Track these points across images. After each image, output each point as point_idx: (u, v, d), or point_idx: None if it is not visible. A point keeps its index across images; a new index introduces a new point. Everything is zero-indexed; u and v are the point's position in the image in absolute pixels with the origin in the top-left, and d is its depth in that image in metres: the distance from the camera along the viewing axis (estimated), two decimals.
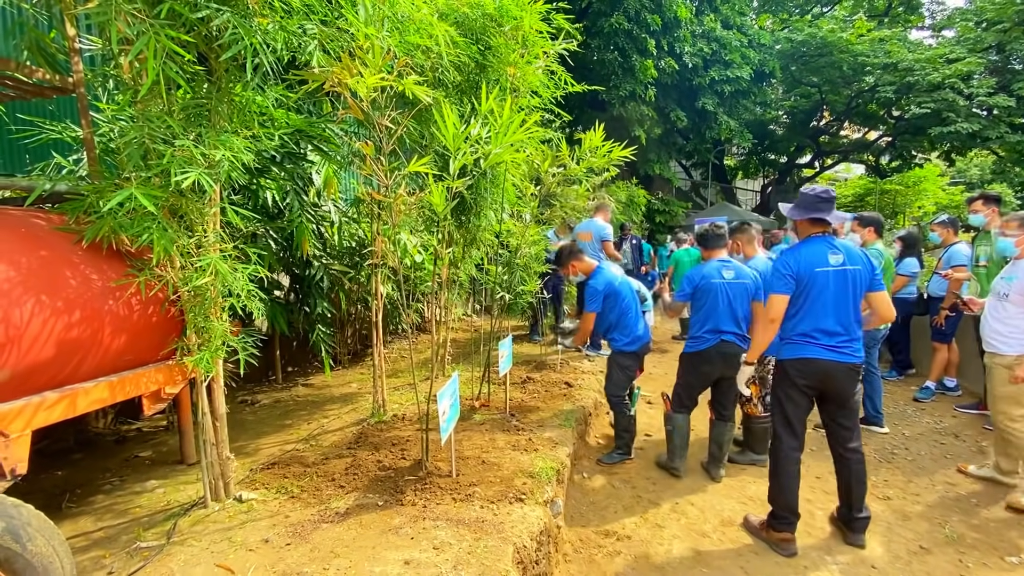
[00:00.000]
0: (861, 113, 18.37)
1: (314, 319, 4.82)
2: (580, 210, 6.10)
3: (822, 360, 2.67)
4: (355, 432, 3.38)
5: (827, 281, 2.66)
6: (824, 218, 2.72)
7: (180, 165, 1.65)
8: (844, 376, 2.70)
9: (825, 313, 2.67)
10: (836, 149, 21.08)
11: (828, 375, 2.68)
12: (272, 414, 4.07)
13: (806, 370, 2.70)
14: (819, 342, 2.67)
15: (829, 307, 2.67)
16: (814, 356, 2.67)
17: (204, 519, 2.27)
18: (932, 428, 4.66)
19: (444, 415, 2.39)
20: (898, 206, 22.63)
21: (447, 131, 2.30)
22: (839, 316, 2.68)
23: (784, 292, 2.69)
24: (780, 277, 2.71)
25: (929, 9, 18.32)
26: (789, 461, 2.75)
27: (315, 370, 5.53)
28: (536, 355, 5.72)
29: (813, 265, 2.67)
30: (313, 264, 4.77)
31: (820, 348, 2.67)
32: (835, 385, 2.71)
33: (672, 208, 15.99)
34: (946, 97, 13.57)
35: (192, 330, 2.11)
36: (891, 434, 4.52)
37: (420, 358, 5.86)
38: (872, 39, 15.24)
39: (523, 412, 3.80)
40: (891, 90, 14.68)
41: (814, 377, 2.70)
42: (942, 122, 14.02)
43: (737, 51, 14.12)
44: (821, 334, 2.67)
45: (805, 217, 2.76)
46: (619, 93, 12.50)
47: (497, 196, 4.01)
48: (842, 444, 2.80)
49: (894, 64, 14.52)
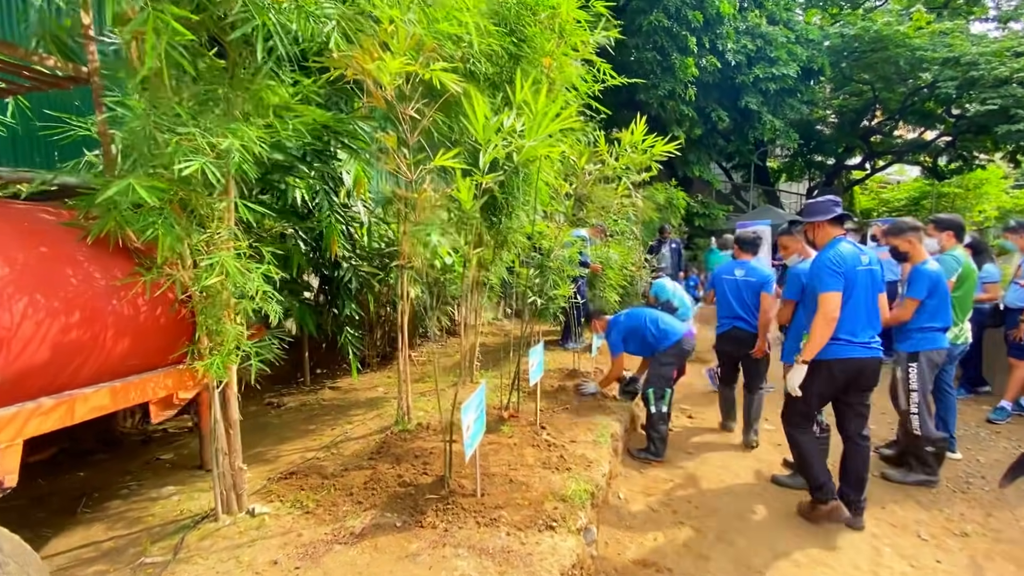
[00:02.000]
0: (917, 112, 17.25)
1: (342, 321, 4.73)
2: (615, 212, 5.82)
3: (860, 358, 2.81)
4: (378, 441, 3.23)
5: (864, 281, 2.81)
6: (844, 217, 2.91)
7: (185, 154, 1.52)
8: (875, 370, 2.89)
9: (862, 312, 2.81)
10: (889, 150, 19.89)
11: (863, 372, 2.84)
12: (297, 418, 3.97)
13: (847, 370, 2.82)
14: (858, 341, 2.80)
15: (863, 306, 2.81)
16: (855, 356, 2.80)
17: (213, 533, 2.14)
18: (1010, 454, 4.15)
19: (468, 430, 2.19)
20: (957, 210, 21.20)
21: (477, 122, 2.11)
22: (870, 315, 2.85)
23: (838, 289, 2.74)
24: (832, 274, 2.75)
25: (994, 0, 17.09)
26: (810, 439, 3.00)
27: (343, 372, 5.44)
28: (568, 363, 5.47)
29: (855, 264, 2.80)
30: (342, 265, 4.68)
31: (859, 347, 2.80)
32: (866, 380, 2.88)
33: (712, 211, 15.39)
34: (1014, 93, 12.52)
35: (203, 333, 1.98)
36: (964, 460, 4.06)
37: (449, 363, 5.71)
38: (932, 32, 14.26)
39: (554, 425, 3.57)
40: (952, 86, 13.68)
41: (851, 374, 2.84)
42: (1009, 119, 12.95)
43: (783, 47, 13.47)
44: (860, 333, 2.81)
45: (827, 219, 2.89)
46: (657, 93, 12.10)
47: (530, 195, 3.81)
48: (857, 431, 2.96)
49: (956, 58, 13.54)
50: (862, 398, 2.96)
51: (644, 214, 6.32)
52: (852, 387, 2.89)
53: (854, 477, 2.98)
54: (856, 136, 18.78)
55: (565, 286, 5.44)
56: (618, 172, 3.59)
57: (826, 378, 2.84)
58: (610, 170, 3.51)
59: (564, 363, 5.53)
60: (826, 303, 2.74)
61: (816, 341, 2.80)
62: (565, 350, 6.26)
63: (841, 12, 17.14)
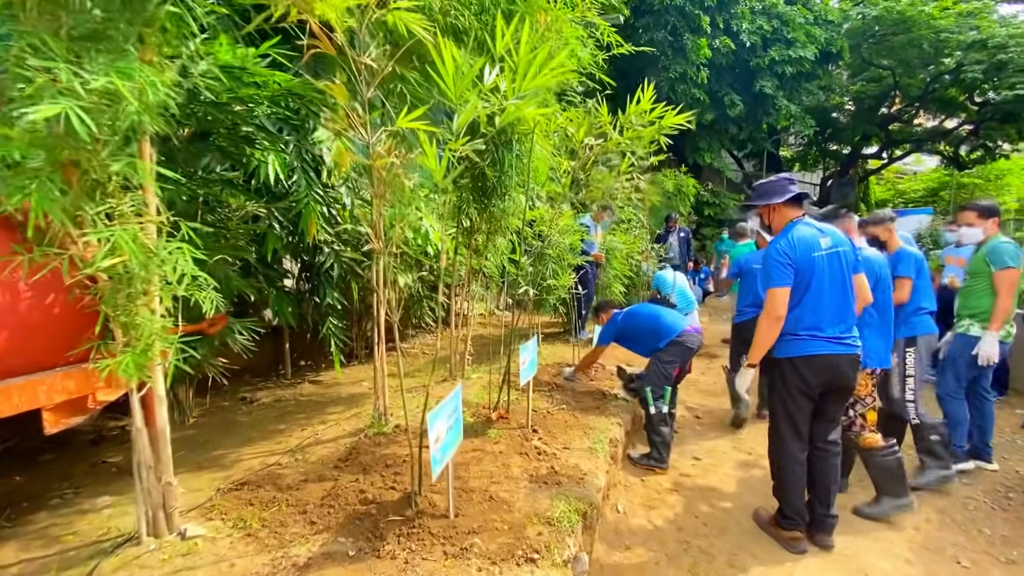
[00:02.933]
0: (938, 99, 16.53)
1: (324, 310, 4.39)
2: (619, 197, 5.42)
3: (830, 355, 2.47)
4: (349, 445, 2.90)
5: (826, 267, 2.47)
6: (802, 197, 2.58)
7: (53, 96, 1.17)
8: (850, 368, 2.53)
9: (826, 303, 2.47)
10: (908, 138, 19.18)
11: (837, 370, 2.50)
12: (268, 416, 3.65)
13: (814, 368, 2.49)
14: (824, 335, 2.47)
15: (827, 297, 2.47)
16: (821, 352, 2.47)
17: (131, 562, 1.81)
18: None
19: (438, 442, 1.84)
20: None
21: (447, 73, 1.74)
22: (839, 304, 2.50)
23: (785, 284, 2.45)
24: (778, 267, 2.45)
25: None
26: (796, 462, 2.59)
27: (329, 365, 5.12)
28: (568, 358, 5.11)
29: (809, 251, 2.46)
30: (323, 250, 4.34)
31: (825, 342, 2.47)
32: (842, 380, 2.53)
33: (722, 201, 14.88)
34: None
35: (115, 326, 1.64)
36: (1001, 471, 3.68)
37: (439, 356, 5.37)
38: (959, 12, 13.57)
39: (547, 428, 3.22)
40: (979, 70, 13.01)
41: (823, 374, 2.49)
42: None
43: (801, 29, 12.87)
44: (825, 326, 2.47)
45: (782, 201, 2.55)
46: (668, 75, 11.59)
47: (524, 174, 3.43)
48: (822, 437, 2.62)
49: (984, 41, 12.86)
50: (838, 405, 2.63)
51: (648, 199, 5.90)
52: (829, 390, 2.54)
53: (821, 488, 2.63)
54: (874, 124, 18.09)
55: (566, 275, 5.08)
56: (623, 147, 3.20)
57: (796, 379, 2.50)
58: (613, 145, 3.11)
59: (563, 357, 5.17)
60: (771, 300, 2.47)
61: (761, 342, 2.53)
62: (567, 343, 5.89)
63: None
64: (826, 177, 21.52)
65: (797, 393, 2.53)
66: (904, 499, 2.87)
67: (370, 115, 1.72)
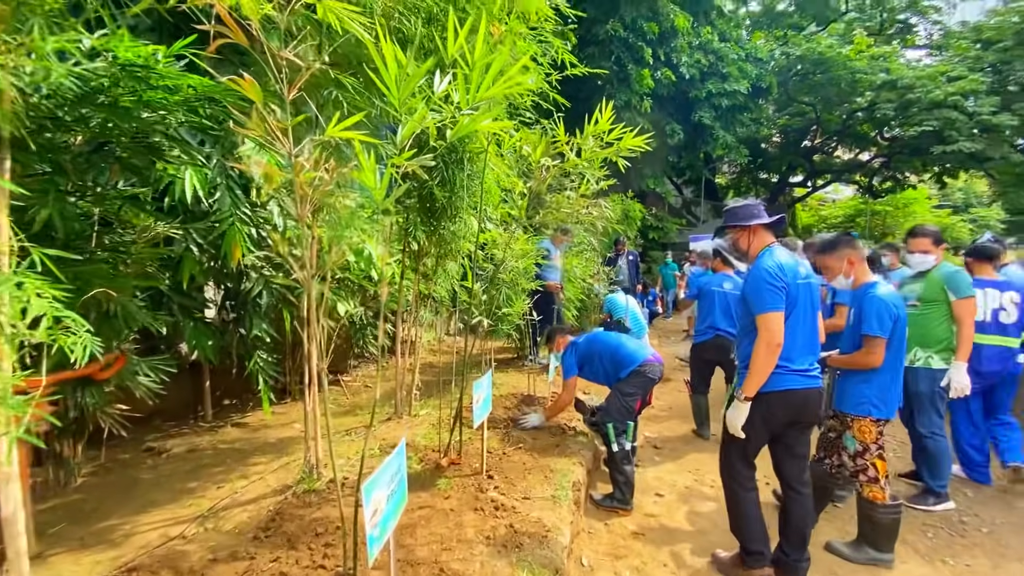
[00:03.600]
0: (854, 134, 18.01)
1: (251, 343, 3.91)
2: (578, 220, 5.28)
3: (802, 391, 2.34)
4: (273, 507, 2.47)
5: (804, 297, 2.34)
6: (781, 223, 2.44)
7: None
8: (817, 403, 2.42)
9: (800, 334, 2.34)
10: (829, 169, 20.73)
11: (806, 405, 2.37)
12: (178, 471, 3.13)
13: (788, 404, 2.34)
14: (796, 368, 2.33)
15: (801, 327, 2.34)
16: (792, 387, 2.32)
17: None
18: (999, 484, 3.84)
19: (376, 516, 1.51)
20: (887, 227, 22.40)
21: (389, 77, 1.48)
22: (810, 336, 2.39)
23: (780, 308, 2.25)
24: (772, 290, 2.24)
25: (926, 30, 18.16)
26: (750, 490, 2.47)
27: (257, 403, 4.58)
28: (523, 387, 4.84)
29: (795, 277, 2.32)
30: (251, 275, 3.88)
31: (797, 376, 2.33)
32: (809, 414, 2.42)
33: (666, 225, 15.34)
34: (948, 115, 13.15)
35: None
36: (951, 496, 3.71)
37: (386, 390, 4.95)
38: (872, 55, 14.88)
39: (504, 473, 2.92)
40: (890, 108, 14.26)
41: (793, 411, 2.36)
42: (942, 141, 13.60)
43: (734, 64, 13.64)
44: (796, 358, 2.33)
45: (760, 223, 2.40)
46: (614, 103, 11.86)
47: (477, 195, 3.19)
48: (797, 478, 2.48)
49: (894, 81, 14.14)
50: (802, 437, 2.51)
51: (609, 223, 5.83)
52: (793, 424, 2.42)
53: (794, 533, 2.48)
54: (799, 155, 19.43)
55: (520, 301, 4.85)
56: (581, 168, 3.03)
57: (764, 412, 2.35)
58: (571, 166, 2.94)
59: (519, 386, 4.90)
60: (766, 326, 2.23)
61: (759, 372, 2.28)
62: (520, 370, 5.63)
63: (785, 35, 17.71)
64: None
65: (760, 426, 2.38)
66: (887, 555, 2.72)
67: (293, 121, 1.42)
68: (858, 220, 22.85)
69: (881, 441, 2.73)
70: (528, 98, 3.45)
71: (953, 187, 25.87)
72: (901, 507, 2.76)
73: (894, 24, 18.18)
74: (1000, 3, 15.79)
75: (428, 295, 5.08)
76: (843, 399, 2.79)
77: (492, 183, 3.46)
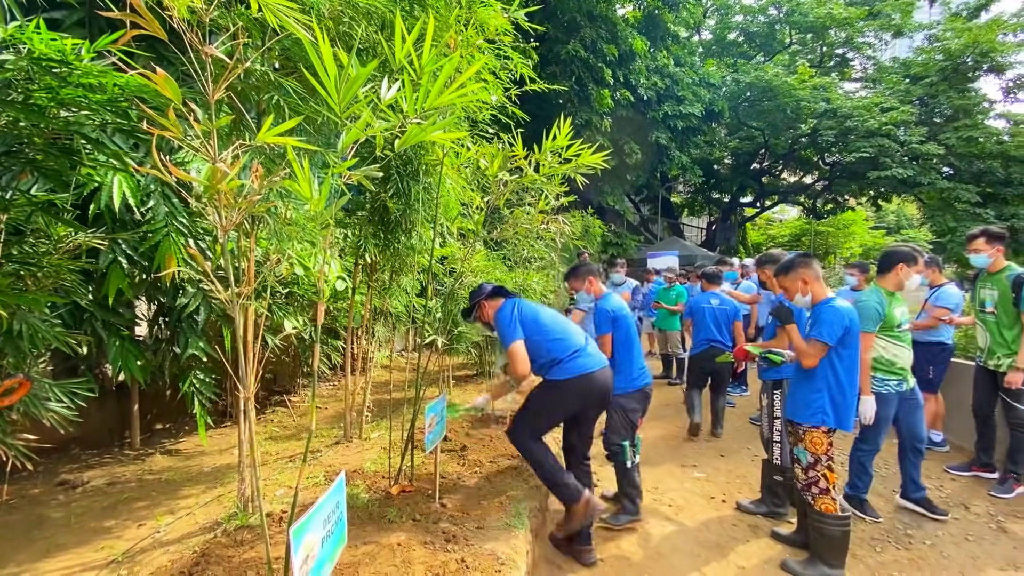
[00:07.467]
0: (798, 158, 19.06)
1: (185, 363, 3.62)
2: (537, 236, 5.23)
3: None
4: (199, 547, 2.23)
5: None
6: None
7: None
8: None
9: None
10: (776, 190, 21.79)
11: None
12: (94, 507, 2.81)
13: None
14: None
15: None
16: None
17: None
18: (935, 496, 3.98)
19: (309, 562, 1.35)
20: (830, 247, 23.71)
21: (328, 79, 1.36)
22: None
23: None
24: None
25: (861, 64, 19.46)
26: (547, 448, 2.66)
27: (193, 427, 4.26)
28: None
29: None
30: (187, 290, 3.60)
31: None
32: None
33: (625, 241, 15.62)
34: (882, 143, 14.08)
35: None
36: (892, 505, 3.80)
37: (333, 412, 4.71)
38: (814, 85, 15.82)
39: (457, 500, 2.77)
40: (831, 134, 15.15)
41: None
42: (877, 167, 14.53)
43: (689, 88, 14.18)
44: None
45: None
46: (574, 122, 12.06)
47: (433, 208, 3.09)
48: (583, 455, 2.87)
49: (834, 110, 15.05)
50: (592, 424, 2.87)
51: (569, 239, 5.80)
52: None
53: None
54: (749, 176, 20.32)
55: None
56: (539, 184, 2.98)
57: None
58: (529, 181, 2.88)
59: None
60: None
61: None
62: (480, 387, 5.48)
63: (735, 63, 18.61)
64: (711, 222, 23.69)
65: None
66: (838, 571, 2.72)
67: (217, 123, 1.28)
68: (803, 239, 24.08)
69: (831, 452, 2.74)
70: (487, 111, 3.39)
71: (887, 210, 27.73)
72: (851, 518, 2.79)
73: (831, 57, 19.40)
74: (926, 43, 17.17)
75: (382, 311, 4.89)
76: (796, 409, 2.80)
77: (450, 196, 3.36)
